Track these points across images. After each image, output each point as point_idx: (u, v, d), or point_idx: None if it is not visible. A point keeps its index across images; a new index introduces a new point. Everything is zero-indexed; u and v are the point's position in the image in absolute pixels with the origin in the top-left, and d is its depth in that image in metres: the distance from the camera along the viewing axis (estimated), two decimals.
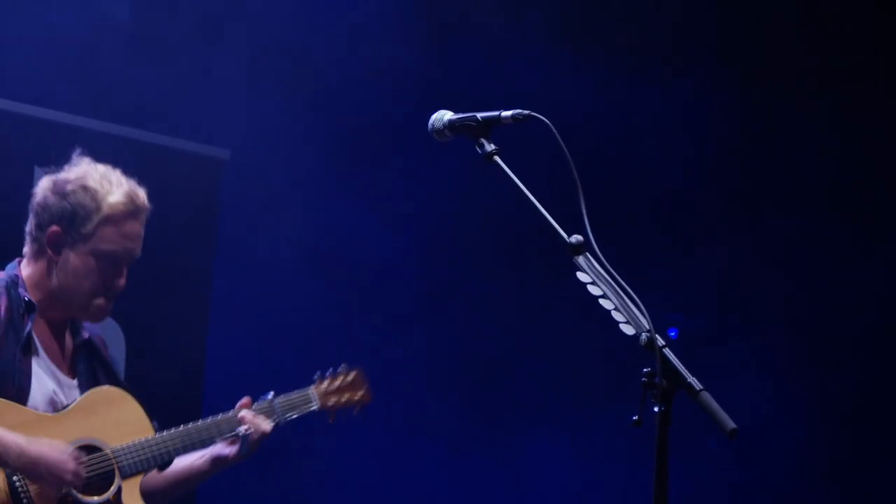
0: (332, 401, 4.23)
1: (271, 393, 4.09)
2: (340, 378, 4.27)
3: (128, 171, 5.79)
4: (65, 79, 5.95)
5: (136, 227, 3.91)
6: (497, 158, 3.18)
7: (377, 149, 6.67)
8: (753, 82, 7.24)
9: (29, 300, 3.79)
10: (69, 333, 3.93)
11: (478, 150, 3.23)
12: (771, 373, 7.19)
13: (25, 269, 3.87)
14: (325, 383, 4.25)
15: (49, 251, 3.82)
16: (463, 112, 3.32)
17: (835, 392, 7.18)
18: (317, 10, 6.30)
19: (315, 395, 4.20)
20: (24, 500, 3.67)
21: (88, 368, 3.94)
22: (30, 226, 3.90)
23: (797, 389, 7.14)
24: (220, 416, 4.01)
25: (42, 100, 5.80)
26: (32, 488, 3.67)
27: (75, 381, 3.89)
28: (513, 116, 3.17)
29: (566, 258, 2.99)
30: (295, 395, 4.17)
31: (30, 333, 3.76)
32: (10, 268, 3.88)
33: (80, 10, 5.99)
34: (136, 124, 6.01)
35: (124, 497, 3.80)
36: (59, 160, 5.71)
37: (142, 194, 3.97)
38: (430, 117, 3.35)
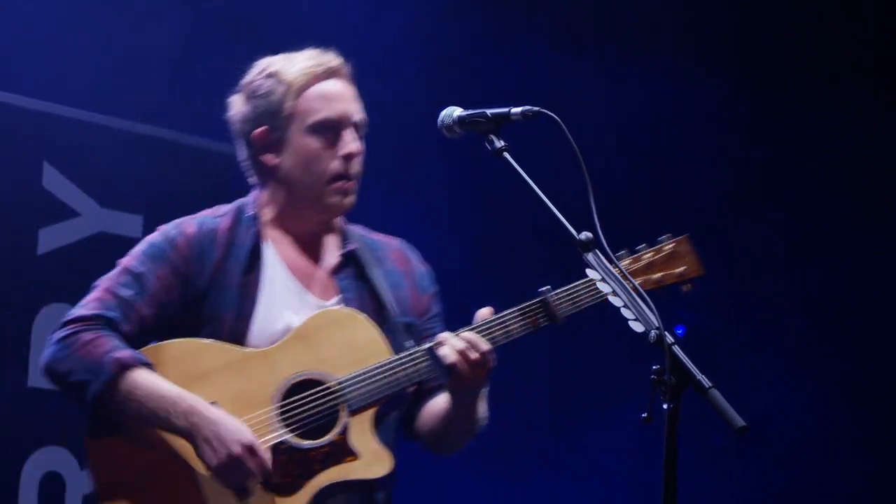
0: (638, 282, 3.24)
1: (546, 287, 3.41)
2: (651, 253, 3.52)
3: (137, 167, 5.88)
4: (75, 74, 5.95)
5: (338, 87, 3.49)
6: (506, 155, 3.19)
7: (385, 142, 6.67)
8: (761, 79, 7.23)
9: (254, 214, 3.47)
10: (332, 249, 3.52)
11: (487, 146, 3.23)
12: (785, 369, 7.19)
13: (255, 189, 3.56)
14: (627, 262, 3.48)
15: (266, 158, 3.49)
16: (472, 108, 3.32)
17: (848, 385, 7.16)
18: (323, 8, 6.30)
19: None
20: None
21: (354, 286, 3.49)
22: (241, 155, 3.59)
23: (811, 384, 7.13)
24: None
25: (52, 95, 5.80)
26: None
27: (333, 301, 3.46)
28: (522, 113, 3.18)
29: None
30: (580, 284, 3.43)
31: (255, 252, 3.41)
32: (249, 195, 3.57)
33: (90, 7, 5.99)
34: (146, 119, 6.01)
35: (352, 436, 3.29)
36: (68, 155, 5.79)
37: (330, 54, 3.53)
38: (439, 113, 3.37)
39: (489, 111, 3.24)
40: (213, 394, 3.25)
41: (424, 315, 3.57)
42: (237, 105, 3.58)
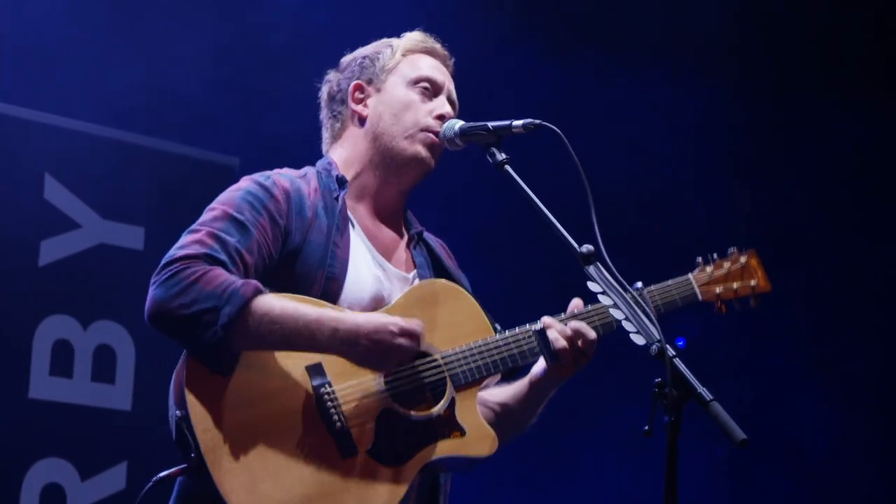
0: (719, 289, 3.57)
1: (640, 283, 3.38)
2: (728, 263, 3.62)
3: (138, 179, 5.89)
4: (76, 86, 5.96)
5: (441, 66, 3.49)
6: (508, 168, 3.19)
7: None
8: (766, 85, 7.24)
9: (340, 176, 3.38)
10: (402, 225, 3.49)
11: (488, 159, 3.24)
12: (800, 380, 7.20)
13: (334, 153, 3.48)
14: (710, 269, 3.59)
15: (357, 108, 3.44)
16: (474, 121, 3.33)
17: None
18: (324, 18, 6.31)
19: (696, 282, 3.55)
20: (333, 415, 3.09)
21: (428, 262, 3.46)
22: (324, 115, 3.53)
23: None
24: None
25: (54, 107, 5.81)
26: (344, 400, 3.11)
27: (411, 275, 3.40)
28: (524, 126, 3.18)
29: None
30: (671, 284, 3.51)
31: (344, 214, 3.32)
32: (322, 160, 3.49)
33: (93, 20, 6.01)
34: (147, 132, 6.02)
35: (458, 411, 3.21)
36: (70, 167, 5.80)
37: (439, 43, 3.53)
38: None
39: (491, 124, 3.24)
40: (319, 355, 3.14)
41: None
42: (333, 77, 3.54)
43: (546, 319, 3.28)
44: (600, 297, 2.98)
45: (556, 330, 3.25)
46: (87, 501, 5.62)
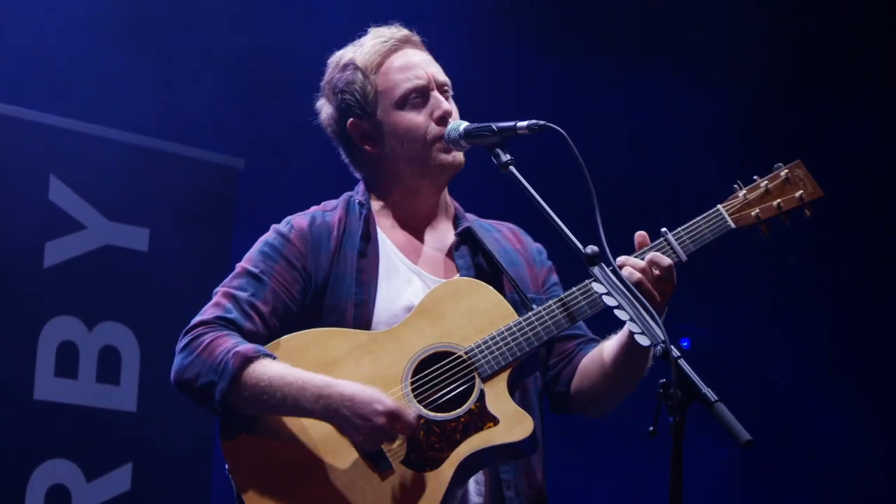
0: (756, 211, 3.39)
1: (665, 228, 3.32)
2: (766, 181, 3.44)
3: (143, 180, 5.89)
4: (81, 88, 5.97)
5: (412, 55, 3.47)
6: (513, 168, 3.19)
7: None
8: (766, 85, 7.24)
9: (359, 200, 3.45)
10: (444, 226, 3.50)
11: (493, 160, 3.24)
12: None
13: (364, 176, 3.53)
14: (743, 193, 3.42)
15: (367, 147, 3.46)
16: (479, 122, 3.34)
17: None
18: (329, 21, 6.32)
19: (725, 211, 3.38)
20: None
21: (472, 263, 3.44)
22: (344, 156, 3.56)
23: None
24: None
25: (59, 108, 5.82)
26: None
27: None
28: (528, 127, 3.18)
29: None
30: (699, 220, 3.37)
31: (367, 237, 3.38)
32: (358, 185, 3.54)
33: (98, 22, 6.01)
34: (152, 133, 6.02)
35: (489, 402, 3.20)
36: (75, 169, 5.80)
37: (394, 27, 3.52)
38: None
39: (495, 125, 3.25)
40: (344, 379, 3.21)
41: (544, 286, 3.53)
42: (324, 108, 3.55)
43: (620, 259, 3.20)
44: (605, 297, 2.99)
45: (628, 266, 3.18)
46: (92, 502, 5.62)
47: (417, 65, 3.45)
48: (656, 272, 3.18)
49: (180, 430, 5.65)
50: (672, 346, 2.75)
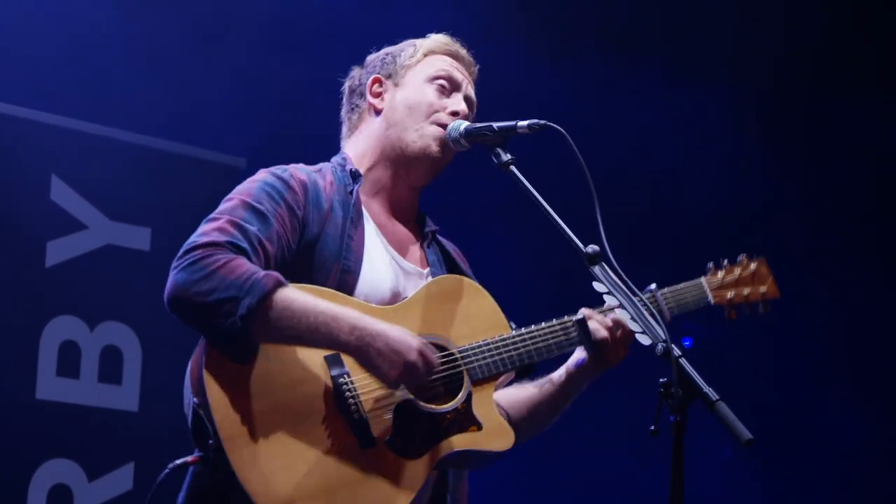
0: (731, 294, 3.59)
1: (653, 285, 3.46)
2: (739, 269, 3.63)
3: (144, 180, 5.90)
4: (82, 87, 5.97)
5: (462, 69, 3.51)
6: (513, 168, 3.20)
7: None
8: (766, 85, 7.24)
9: (354, 170, 3.39)
10: (416, 223, 3.50)
11: (494, 159, 3.24)
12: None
13: (349, 147, 3.51)
14: (721, 274, 3.61)
15: (374, 101, 3.47)
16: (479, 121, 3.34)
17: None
18: (333, 20, 6.32)
19: (708, 286, 3.58)
20: (352, 405, 3.09)
21: (441, 261, 3.47)
22: (344, 110, 3.56)
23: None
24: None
25: (60, 108, 5.82)
26: (362, 390, 3.10)
27: (426, 272, 3.41)
28: (529, 126, 3.19)
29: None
30: (684, 287, 3.53)
31: (358, 208, 3.33)
32: (337, 155, 3.50)
33: (98, 21, 6.01)
34: (153, 132, 6.03)
35: (475, 405, 3.20)
36: (76, 168, 5.81)
37: (465, 49, 3.56)
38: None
39: (496, 124, 3.25)
40: None
41: None
42: (352, 76, 3.58)
43: (583, 311, 3.30)
44: (606, 297, 2.99)
45: (596, 321, 3.28)
46: (94, 502, 5.63)
47: (461, 71, 3.52)
48: (619, 334, 3.27)
49: (182, 429, 5.63)
50: (673, 346, 2.76)
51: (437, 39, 3.55)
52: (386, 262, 3.34)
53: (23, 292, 5.59)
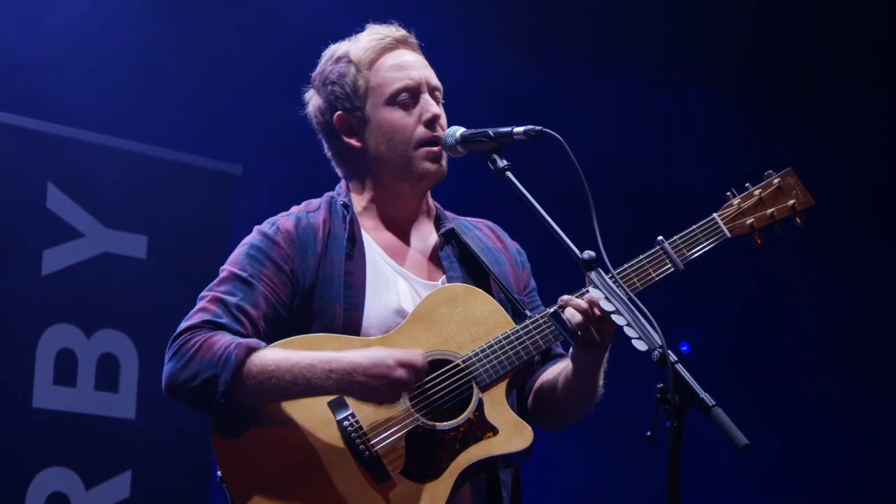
0: (751, 220, 3.38)
1: (660, 237, 3.33)
2: (760, 190, 3.43)
3: (140, 187, 5.90)
4: (79, 95, 5.97)
5: (408, 56, 3.42)
6: (509, 174, 3.19)
7: None
8: (767, 84, 7.24)
9: (343, 202, 3.39)
10: (428, 227, 3.46)
11: (490, 165, 3.24)
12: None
13: (346, 176, 3.48)
14: (738, 202, 3.41)
15: (350, 143, 3.41)
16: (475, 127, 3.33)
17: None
18: (328, 27, 6.32)
19: (720, 220, 3.38)
20: (360, 445, 3.13)
21: (458, 264, 3.40)
22: (327, 150, 3.50)
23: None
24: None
25: (56, 117, 5.82)
26: (369, 426, 3.13)
27: (439, 281, 3.37)
28: (525, 132, 3.18)
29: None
30: (696, 228, 3.36)
31: (352, 239, 3.33)
32: (338, 185, 3.48)
33: (94, 30, 6.02)
34: (149, 140, 6.02)
35: (487, 411, 3.18)
36: (73, 177, 5.81)
37: (392, 27, 3.47)
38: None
39: (492, 130, 3.24)
40: None
41: (525, 290, 3.52)
42: (313, 99, 3.50)
43: (562, 298, 3.20)
44: (602, 303, 2.99)
45: (571, 307, 3.16)
46: None
47: (411, 65, 3.42)
48: (597, 311, 3.11)
49: (179, 437, 5.65)
50: (669, 352, 2.75)
51: (366, 45, 3.44)
52: (393, 285, 3.33)
53: (19, 301, 5.59)
